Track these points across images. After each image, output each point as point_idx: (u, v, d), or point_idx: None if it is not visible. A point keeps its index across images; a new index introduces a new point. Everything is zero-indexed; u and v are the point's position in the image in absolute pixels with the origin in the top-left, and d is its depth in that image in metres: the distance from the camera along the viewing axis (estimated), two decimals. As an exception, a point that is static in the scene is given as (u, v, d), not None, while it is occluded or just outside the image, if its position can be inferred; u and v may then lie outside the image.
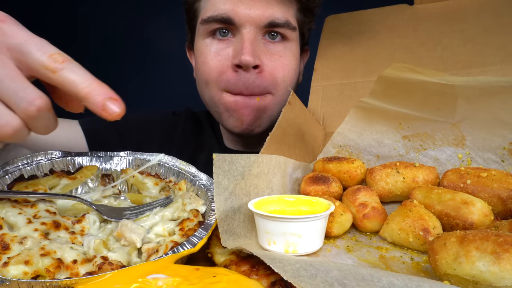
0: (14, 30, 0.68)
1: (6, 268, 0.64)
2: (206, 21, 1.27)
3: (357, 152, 1.13)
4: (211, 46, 1.28)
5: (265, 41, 1.27)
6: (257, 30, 1.23)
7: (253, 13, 1.21)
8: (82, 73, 0.68)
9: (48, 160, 0.95)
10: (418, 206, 0.81)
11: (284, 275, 0.58)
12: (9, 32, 0.68)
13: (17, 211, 0.78)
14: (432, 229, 0.75)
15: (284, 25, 1.25)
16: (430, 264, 0.65)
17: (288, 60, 1.31)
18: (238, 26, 1.22)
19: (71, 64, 0.68)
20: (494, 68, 1.17)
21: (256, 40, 1.24)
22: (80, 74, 0.68)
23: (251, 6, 1.21)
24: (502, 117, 1.01)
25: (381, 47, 1.38)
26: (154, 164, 1.01)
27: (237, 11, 1.21)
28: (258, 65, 1.23)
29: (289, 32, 1.28)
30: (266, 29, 1.25)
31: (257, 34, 1.24)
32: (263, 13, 1.21)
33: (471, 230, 0.65)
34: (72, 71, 0.67)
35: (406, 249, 0.78)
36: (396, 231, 0.78)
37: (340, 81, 1.37)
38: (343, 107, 1.27)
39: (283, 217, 0.71)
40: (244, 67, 1.21)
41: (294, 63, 1.34)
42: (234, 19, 1.21)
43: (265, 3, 1.22)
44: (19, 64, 0.68)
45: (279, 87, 1.30)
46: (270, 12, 1.22)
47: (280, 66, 1.29)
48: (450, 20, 1.33)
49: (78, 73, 0.68)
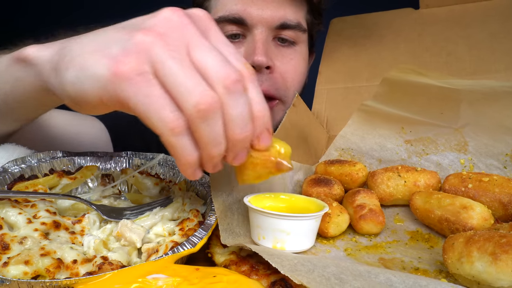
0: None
1: (6, 268, 0.64)
2: (217, 21, 1.24)
3: (359, 155, 1.12)
4: None
5: (276, 44, 1.26)
6: (269, 31, 1.22)
7: (265, 13, 1.20)
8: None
9: (48, 160, 0.95)
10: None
11: (281, 270, 0.58)
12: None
13: (17, 211, 0.77)
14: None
15: (295, 26, 1.24)
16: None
17: (298, 63, 1.30)
18: (250, 26, 1.22)
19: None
20: (499, 75, 1.17)
21: (267, 41, 1.23)
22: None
23: (263, 6, 1.20)
24: (505, 123, 1.01)
25: (386, 51, 1.38)
26: (154, 164, 1.01)
27: (249, 12, 1.20)
28: (270, 66, 1.21)
29: (300, 34, 1.27)
30: (277, 31, 1.24)
31: (269, 35, 1.23)
32: (275, 14, 1.20)
33: (480, 231, 0.65)
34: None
35: (406, 251, 0.78)
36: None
37: (345, 84, 1.37)
38: (347, 111, 1.27)
39: (273, 213, 0.71)
40: (257, 67, 1.20)
41: (303, 66, 1.33)
42: (246, 19, 1.21)
43: (277, 4, 1.21)
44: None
45: (289, 92, 1.28)
46: (282, 13, 1.21)
47: (291, 69, 1.28)
48: (455, 25, 1.33)
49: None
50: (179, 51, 0.57)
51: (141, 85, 0.55)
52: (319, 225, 0.78)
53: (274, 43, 1.26)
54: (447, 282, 0.59)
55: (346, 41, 1.47)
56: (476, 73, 1.20)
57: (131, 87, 0.55)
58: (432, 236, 0.84)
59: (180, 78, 0.55)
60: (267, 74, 1.23)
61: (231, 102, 0.57)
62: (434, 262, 0.73)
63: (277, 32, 1.24)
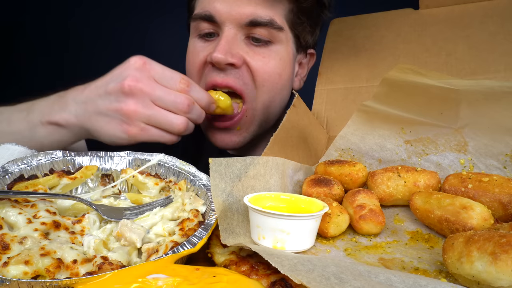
0: (153, 67, 1.05)
1: (6, 268, 0.64)
2: (193, 19, 1.28)
3: (359, 156, 1.12)
4: (196, 44, 1.28)
5: (248, 43, 1.24)
6: (238, 28, 1.22)
7: (233, 10, 1.20)
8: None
9: (48, 160, 0.95)
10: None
11: (281, 269, 0.58)
12: (150, 68, 1.04)
13: (17, 211, 0.78)
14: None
15: (267, 24, 1.22)
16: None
17: (273, 62, 1.27)
18: (220, 24, 1.22)
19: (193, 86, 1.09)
20: (498, 75, 1.17)
21: (236, 38, 1.22)
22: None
23: (232, 3, 1.20)
24: (504, 123, 1.01)
25: (386, 52, 1.38)
26: (154, 164, 1.01)
27: (218, 9, 1.20)
28: (233, 63, 1.20)
29: (275, 32, 1.24)
30: (248, 29, 1.22)
31: (239, 33, 1.22)
32: (243, 11, 1.20)
33: (480, 231, 0.65)
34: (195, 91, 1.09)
35: (406, 252, 0.78)
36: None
37: (344, 85, 1.37)
38: (347, 111, 1.27)
39: (273, 213, 0.72)
40: (216, 64, 1.20)
41: (280, 66, 1.29)
42: (215, 16, 1.21)
43: (247, 1, 1.20)
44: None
45: (259, 90, 1.26)
46: (251, 9, 1.20)
47: (262, 67, 1.25)
48: (455, 26, 1.33)
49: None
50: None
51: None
52: (319, 225, 0.78)
53: (246, 41, 1.24)
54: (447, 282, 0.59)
55: (346, 41, 1.47)
56: (476, 74, 1.20)
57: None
58: (432, 236, 0.84)
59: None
60: (232, 70, 1.22)
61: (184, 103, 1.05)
62: (434, 262, 0.73)
63: (249, 30, 1.23)
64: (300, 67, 1.43)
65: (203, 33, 1.27)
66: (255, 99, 1.27)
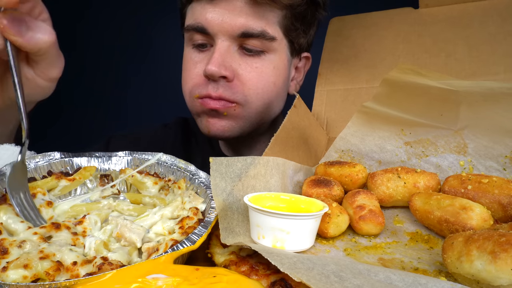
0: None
1: (5, 273, 0.64)
2: (186, 30, 1.28)
3: (359, 157, 1.12)
4: (191, 55, 1.29)
5: (241, 53, 1.25)
6: (231, 40, 1.22)
7: (224, 22, 1.19)
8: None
9: (46, 162, 0.95)
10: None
11: (281, 268, 0.58)
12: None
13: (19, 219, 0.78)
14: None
15: (259, 35, 1.21)
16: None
17: (265, 72, 1.27)
18: (213, 35, 1.22)
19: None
20: (498, 77, 1.17)
21: (229, 51, 1.22)
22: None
23: (223, 15, 1.19)
24: (504, 125, 1.01)
25: (386, 52, 1.38)
26: (152, 163, 1.01)
27: (209, 21, 1.20)
28: (225, 76, 1.21)
29: (267, 43, 1.24)
30: (241, 40, 1.22)
31: (232, 45, 1.23)
32: (235, 22, 1.19)
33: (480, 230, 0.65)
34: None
35: (405, 252, 0.78)
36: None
37: (344, 86, 1.37)
38: (346, 112, 1.27)
39: (273, 212, 0.72)
40: (210, 76, 1.21)
41: (274, 75, 1.29)
42: (207, 28, 1.21)
43: (238, 13, 1.19)
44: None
45: (249, 97, 1.26)
46: (242, 21, 1.19)
47: (254, 77, 1.25)
48: (455, 26, 1.33)
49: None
50: None
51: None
52: (318, 225, 0.78)
53: (240, 52, 1.25)
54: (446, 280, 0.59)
55: (346, 41, 1.47)
56: (476, 75, 1.21)
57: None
58: (432, 237, 0.84)
59: None
60: (224, 83, 1.23)
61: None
62: (433, 262, 0.73)
63: (242, 41, 1.23)
64: (296, 71, 1.43)
65: (197, 43, 1.28)
66: (248, 105, 1.28)
